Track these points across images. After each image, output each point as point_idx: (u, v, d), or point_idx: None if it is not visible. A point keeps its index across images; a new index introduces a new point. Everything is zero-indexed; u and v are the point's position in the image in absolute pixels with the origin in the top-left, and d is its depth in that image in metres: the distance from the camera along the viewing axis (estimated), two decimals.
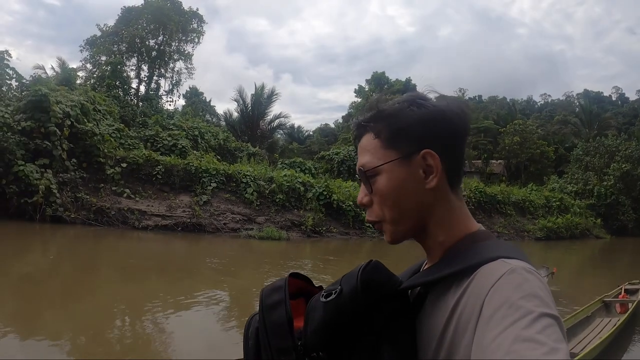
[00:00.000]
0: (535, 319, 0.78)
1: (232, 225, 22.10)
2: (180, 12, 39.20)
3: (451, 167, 1.06)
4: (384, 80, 61.23)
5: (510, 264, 0.91)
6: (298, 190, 25.14)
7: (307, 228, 23.63)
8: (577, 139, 57.27)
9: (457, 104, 1.08)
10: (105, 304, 9.93)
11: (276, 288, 1.12)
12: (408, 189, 1.05)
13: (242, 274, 14.82)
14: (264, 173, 25.68)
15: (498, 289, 0.86)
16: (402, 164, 1.06)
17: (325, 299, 1.00)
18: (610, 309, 10.56)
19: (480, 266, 0.94)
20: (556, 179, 45.25)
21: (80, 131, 21.43)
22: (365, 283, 0.98)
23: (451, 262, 1.00)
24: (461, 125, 1.07)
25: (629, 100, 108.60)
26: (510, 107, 72.74)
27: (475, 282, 0.92)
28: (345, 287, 1.00)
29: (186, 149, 28.02)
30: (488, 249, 0.99)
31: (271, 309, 1.08)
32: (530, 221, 33.54)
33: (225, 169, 24.62)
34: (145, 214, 20.90)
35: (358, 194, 1.14)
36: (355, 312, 0.98)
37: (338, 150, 40.24)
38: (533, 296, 0.83)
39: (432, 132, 1.04)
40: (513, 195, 34.64)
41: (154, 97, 37.98)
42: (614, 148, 42.99)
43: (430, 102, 1.08)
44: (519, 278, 0.87)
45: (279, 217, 23.63)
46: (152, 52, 38.40)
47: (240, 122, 44.94)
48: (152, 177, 22.66)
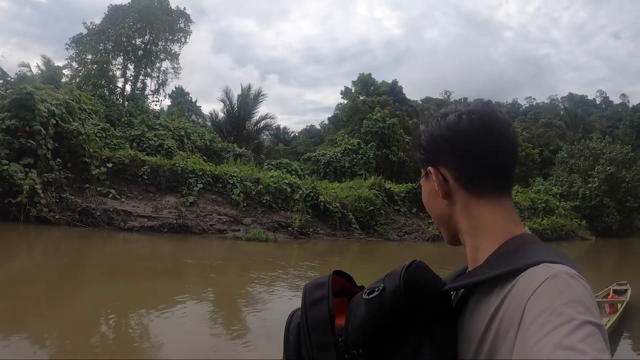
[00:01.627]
0: (578, 326, 0.77)
1: (219, 227, 22.03)
2: (167, 11, 39.09)
3: (463, 175, 1.09)
4: (371, 82, 61.41)
5: (554, 269, 0.90)
6: (285, 192, 25.09)
7: (294, 229, 23.60)
8: (562, 141, 57.94)
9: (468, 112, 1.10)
10: (90, 306, 9.92)
11: (319, 284, 1.13)
12: (433, 201, 1.16)
13: (228, 275, 14.83)
14: (251, 174, 25.63)
15: (540, 294, 0.85)
16: (427, 180, 1.17)
17: (368, 296, 1.01)
18: (599, 310, 10.64)
19: (523, 270, 0.93)
20: (541, 181, 45.82)
21: (66, 130, 21.17)
22: (407, 283, 0.99)
23: (494, 265, 1.01)
24: (463, 133, 1.08)
25: (613, 104, 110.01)
26: None
27: (518, 286, 0.92)
28: (388, 285, 1.01)
29: (172, 149, 27.86)
30: (532, 253, 0.98)
31: (313, 305, 1.09)
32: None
33: (212, 170, 24.51)
34: (131, 214, 20.72)
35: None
36: (397, 311, 0.98)
37: (324, 151, 40.29)
38: (576, 302, 0.82)
39: (433, 151, 1.13)
40: None
41: (140, 96, 37.76)
42: (598, 151, 43.68)
43: (435, 124, 1.14)
44: (562, 283, 0.86)
45: (266, 218, 23.57)
46: (138, 51, 38.24)
47: (226, 123, 44.73)
48: (137, 178, 22.45)
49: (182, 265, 15.64)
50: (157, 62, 39.66)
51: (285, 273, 15.50)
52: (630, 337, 10.16)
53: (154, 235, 20.12)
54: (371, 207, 27.53)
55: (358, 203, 27.14)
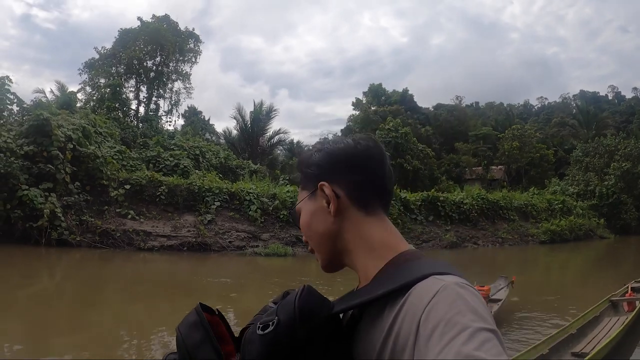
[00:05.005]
0: (473, 334, 0.78)
1: (238, 243, 22.08)
2: (176, 32, 39.62)
3: (356, 193, 1.13)
4: (381, 92, 61.56)
5: (443, 281, 0.91)
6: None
7: None
8: (576, 140, 57.31)
9: (364, 139, 1.19)
10: (112, 326, 9.97)
11: (193, 324, 1.09)
12: (318, 220, 1.15)
13: (248, 292, 14.77)
14: (267, 190, 25.68)
15: (433, 307, 0.86)
16: (310, 200, 1.18)
17: (263, 332, 0.98)
18: (617, 308, 10.52)
19: (413, 285, 0.94)
20: (557, 181, 45.36)
21: (83, 154, 21.46)
22: (302, 310, 0.98)
23: (383, 282, 1.01)
24: (360, 155, 1.15)
25: (625, 99, 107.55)
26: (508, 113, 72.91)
27: (410, 301, 0.92)
28: (282, 317, 0.98)
29: (188, 168, 28.09)
30: (419, 267, 0.99)
31: (197, 349, 1.05)
32: (533, 225, 33.59)
33: (228, 187, 24.61)
34: (150, 234, 20.87)
35: None
36: (293, 343, 0.96)
37: None
38: (468, 311, 0.83)
39: (328, 167, 1.16)
40: (515, 200, 34.77)
41: (154, 117, 38.25)
42: (613, 147, 43.25)
43: (331, 144, 1.20)
44: (453, 294, 0.87)
45: (284, 233, 23.61)
46: (150, 73, 38.76)
47: (240, 140, 45.05)
48: (155, 198, 22.60)
49: (202, 283, 15.67)
50: (169, 83, 40.29)
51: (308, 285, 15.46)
52: None
53: (173, 255, 20.20)
54: None
55: None
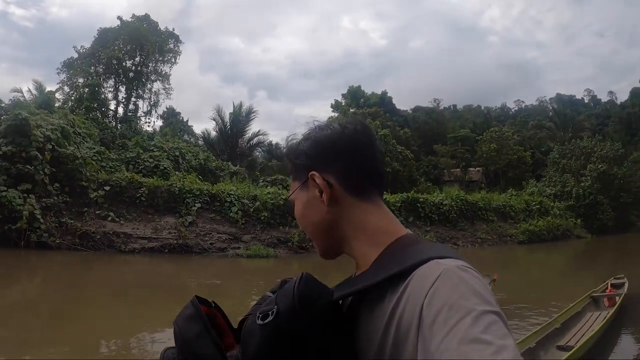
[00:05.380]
0: (478, 317, 0.78)
1: (219, 245, 22.01)
2: (156, 32, 39.39)
3: (348, 179, 1.12)
4: (360, 94, 61.86)
5: (444, 264, 0.90)
6: (282, 207, 25.14)
7: (293, 244, 23.60)
8: (553, 142, 58.25)
9: (351, 122, 1.18)
10: (92, 329, 9.84)
11: (190, 317, 1.10)
12: (312, 209, 1.15)
13: (231, 294, 14.73)
14: (248, 191, 25.64)
15: (436, 291, 0.85)
16: (302, 190, 1.16)
17: (263, 321, 0.97)
18: (599, 304, 11.05)
19: (413, 269, 0.93)
20: (534, 182, 46.26)
21: (62, 155, 21.16)
22: (302, 298, 0.96)
23: (382, 268, 1.00)
24: (347, 140, 1.13)
25: (601, 102, 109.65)
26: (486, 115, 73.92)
27: (412, 286, 0.91)
28: (282, 305, 0.97)
29: (168, 169, 27.90)
30: (419, 251, 0.98)
31: (194, 341, 1.06)
32: (512, 226, 34.16)
33: (209, 189, 24.49)
34: (131, 236, 20.69)
35: None
36: (293, 331, 0.95)
37: None
38: (472, 294, 0.83)
39: (317, 156, 1.14)
40: (494, 201, 35.39)
41: (133, 118, 37.95)
42: (589, 149, 44.23)
43: (318, 131, 1.18)
44: (455, 277, 0.87)
45: (265, 234, 23.60)
46: (129, 73, 38.44)
47: (219, 141, 44.87)
48: (135, 200, 22.39)
49: (184, 286, 15.57)
50: (148, 84, 40.00)
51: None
52: (629, 329, 10.38)
53: (154, 256, 20.04)
54: None
55: None
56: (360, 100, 60.50)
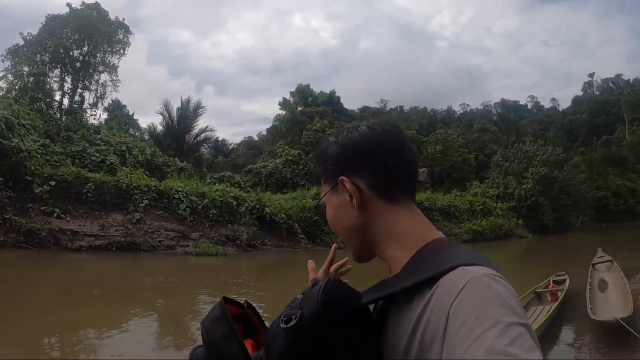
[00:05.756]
0: (505, 329, 0.77)
1: (167, 243, 21.95)
2: (106, 22, 38.45)
3: (378, 183, 1.11)
4: (309, 93, 61.96)
5: (472, 272, 0.90)
6: (231, 205, 25.19)
7: (242, 242, 23.74)
8: (496, 145, 60.38)
9: (379, 123, 1.17)
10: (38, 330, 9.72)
11: (217, 319, 1.12)
12: (342, 214, 1.15)
13: (179, 293, 14.75)
14: (196, 188, 25.59)
15: (462, 299, 0.85)
16: (333, 194, 1.17)
17: (286, 325, 0.97)
18: (542, 299, 11.80)
19: (441, 276, 0.92)
20: (478, 184, 47.62)
21: (5, 147, 20.54)
22: (326, 303, 0.96)
23: (411, 273, 1.00)
24: (376, 142, 1.12)
25: (544, 108, 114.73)
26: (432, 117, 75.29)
27: (438, 293, 0.91)
28: (305, 310, 0.97)
29: (115, 165, 27.43)
30: (448, 257, 0.98)
31: (221, 342, 1.08)
32: (456, 225, 35.32)
33: (157, 185, 24.34)
34: (77, 234, 20.33)
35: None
36: (316, 336, 0.96)
37: (265, 163, 40.58)
38: (499, 305, 0.82)
39: (345, 160, 1.14)
40: (438, 201, 36.54)
41: (78, 110, 36.96)
42: (531, 153, 45.93)
43: (346, 134, 1.17)
44: (482, 286, 0.86)
45: (213, 232, 23.63)
46: (76, 62, 37.44)
47: (165, 136, 44.32)
48: (82, 196, 21.95)
49: (132, 284, 15.54)
50: (96, 75, 38.99)
51: (237, 287, 15.49)
52: (571, 322, 10.99)
53: (102, 254, 19.74)
54: (316, 217, 27.94)
55: (303, 213, 27.51)
56: (308, 98, 60.64)
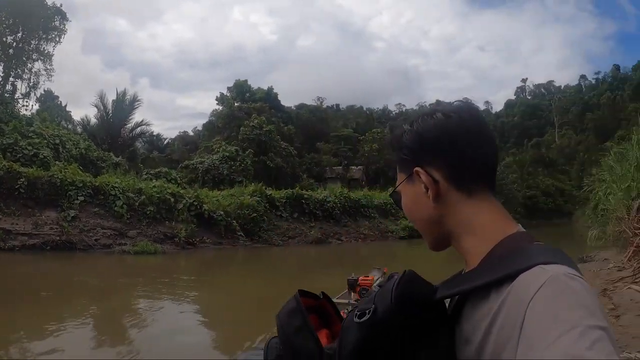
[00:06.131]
0: (583, 332, 0.75)
1: (104, 241, 21.56)
2: (43, 7, 36.94)
3: (455, 175, 1.07)
4: (246, 88, 61.97)
5: (550, 271, 0.86)
6: (168, 202, 25.01)
7: (180, 240, 23.64)
8: None
9: (456, 110, 1.11)
10: None
11: (292, 311, 1.12)
12: (418, 204, 1.12)
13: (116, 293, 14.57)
14: (133, 184, 25.26)
15: (539, 299, 0.82)
16: (409, 184, 1.13)
17: (359, 319, 0.97)
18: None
19: (518, 274, 0.89)
20: None
21: None
22: (399, 299, 0.95)
23: (488, 269, 0.97)
24: (453, 131, 1.07)
25: None
26: (368, 116, 76.53)
27: (515, 291, 0.88)
28: (379, 305, 0.97)
29: (48, 159, 26.57)
30: (526, 255, 0.94)
31: (295, 335, 1.09)
32: (393, 222, 36.35)
33: (92, 181, 23.81)
34: (10, 233, 19.64)
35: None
36: (390, 330, 0.95)
37: (202, 159, 40.37)
38: (577, 306, 0.80)
39: (420, 150, 1.10)
40: (375, 199, 37.50)
41: (10, 100, 35.46)
42: None
43: (421, 121, 1.12)
44: (561, 286, 0.83)
45: (151, 230, 23.41)
46: (9, 49, 35.97)
47: (100, 130, 43.09)
48: (14, 192, 21.20)
49: (67, 285, 15.21)
50: (29, 63, 37.52)
51: (175, 286, 15.42)
52: None
53: (36, 254, 19.15)
54: (254, 214, 28.17)
55: (241, 210, 27.66)
56: (246, 94, 60.51)
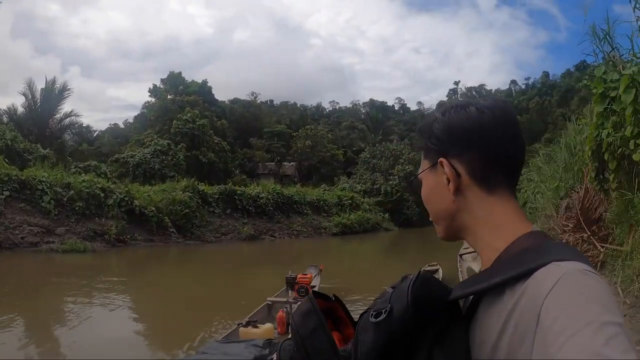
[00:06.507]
0: (598, 328, 0.75)
1: (31, 239, 20.52)
2: None
3: (479, 171, 1.06)
4: (180, 81, 60.82)
5: (565, 268, 0.87)
6: (98, 197, 24.19)
7: (110, 237, 22.90)
8: (364, 143, 63.93)
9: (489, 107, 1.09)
10: None
11: (307, 312, 1.12)
12: (437, 194, 1.11)
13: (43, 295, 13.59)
14: (61, 178, 24.22)
15: (554, 296, 0.82)
16: (431, 172, 1.13)
17: (375, 319, 0.97)
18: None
19: (533, 272, 0.89)
20: (346, 179, 50.33)
21: None
22: (416, 300, 0.95)
23: (503, 268, 0.96)
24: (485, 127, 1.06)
25: (410, 110, 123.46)
26: (302, 113, 76.85)
27: (530, 290, 0.88)
28: (395, 305, 0.97)
29: None
30: (540, 252, 0.94)
31: (309, 336, 1.08)
32: (325, 219, 36.88)
33: (18, 175, 22.63)
34: None
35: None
36: (406, 330, 0.95)
37: (133, 153, 39.36)
38: (593, 302, 0.80)
39: (449, 141, 1.08)
40: (308, 195, 37.84)
41: None
42: (398, 152, 49.47)
43: (453, 112, 1.10)
44: (575, 282, 0.84)
45: (80, 227, 22.55)
46: None
47: (27, 120, 40.88)
48: None
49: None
50: None
51: (106, 286, 14.80)
52: None
53: None
54: (186, 210, 27.75)
55: (173, 206, 27.21)
56: (179, 87, 59.36)
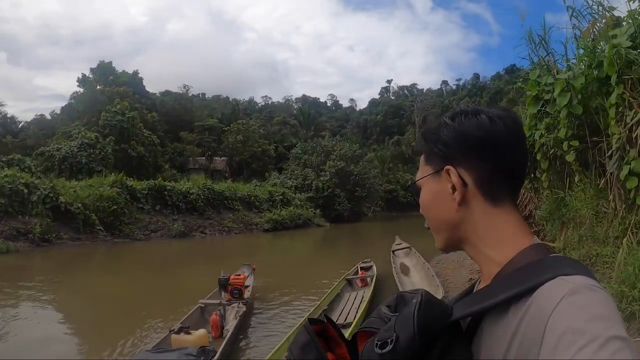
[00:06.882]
0: (604, 344, 0.75)
1: None
2: None
3: (486, 182, 1.04)
4: (110, 71, 59.30)
5: (571, 283, 0.86)
6: (21, 193, 23.26)
7: (35, 236, 22.04)
8: (296, 139, 64.31)
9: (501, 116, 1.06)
10: None
11: (305, 345, 1.07)
12: (440, 202, 1.08)
13: None
14: None
15: (559, 313, 0.82)
16: (434, 179, 1.09)
17: (381, 350, 0.93)
18: (353, 285, 12.82)
19: (538, 287, 0.88)
20: (277, 175, 50.41)
21: None
22: (422, 327, 0.92)
23: (506, 284, 0.95)
24: (496, 137, 1.03)
25: (342, 107, 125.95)
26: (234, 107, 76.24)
27: (535, 305, 0.87)
28: (401, 334, 0.93)
29: None
30: (545, 266, 0.93)
31: None
32: (257, 215, 36.80)
33: None
34: None
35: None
36: (413, 357, 0.92)
37: (59, 145, 38.09)
38: (599, 318, 0.80)
39: (457, 149, 1.05)
40: (239, 191, 37.65)
41: None
42: (329, 148, 49.93)
43: (463, 118, 1.07)
44: (582, 298, 0.83)
45: (2, 225, 21.62)
46: None
47: None
48: None
49: None
50: None
51: (31, 289, 13.90)
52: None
53: None
54: (114, 206, 27.15)
55: (100, 202, 26.57)
56: (109, 77, 57.79)
